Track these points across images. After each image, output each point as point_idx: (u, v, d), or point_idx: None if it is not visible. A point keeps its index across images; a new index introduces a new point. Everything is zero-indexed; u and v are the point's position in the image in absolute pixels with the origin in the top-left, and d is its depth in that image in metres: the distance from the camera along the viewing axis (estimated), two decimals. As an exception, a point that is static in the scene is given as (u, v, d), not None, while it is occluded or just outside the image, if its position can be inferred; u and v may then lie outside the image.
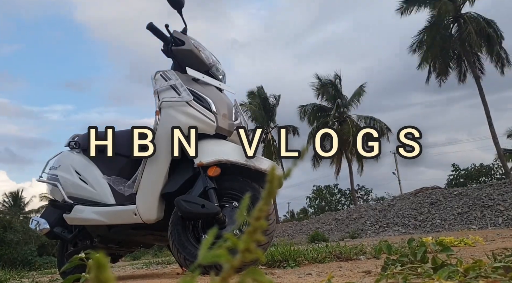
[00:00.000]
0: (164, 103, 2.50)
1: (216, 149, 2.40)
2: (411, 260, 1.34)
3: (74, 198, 2.91)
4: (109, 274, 0.33)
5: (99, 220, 2.72)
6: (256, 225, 0.35)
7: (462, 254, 2.49)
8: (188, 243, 2.29)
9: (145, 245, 3.48)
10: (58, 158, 3.24)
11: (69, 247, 3.20)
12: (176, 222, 2.35)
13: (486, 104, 20.86)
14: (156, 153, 2.48)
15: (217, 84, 2.77)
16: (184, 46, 2.63)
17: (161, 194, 2.47)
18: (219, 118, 2.53)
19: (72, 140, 3.20)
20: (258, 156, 2.34)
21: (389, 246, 1.58)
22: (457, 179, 27.64)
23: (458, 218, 12.60)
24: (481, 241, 3.35)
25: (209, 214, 2.20)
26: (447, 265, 1.17)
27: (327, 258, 2.86)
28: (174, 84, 2.51)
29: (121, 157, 2.97)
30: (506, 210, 12.02)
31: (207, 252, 0.35)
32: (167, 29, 2.63)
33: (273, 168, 0.36)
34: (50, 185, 3.12)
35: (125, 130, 3.14)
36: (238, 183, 2.33)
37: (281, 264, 2.68)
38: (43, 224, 3.06)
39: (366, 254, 3.03)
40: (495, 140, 20.74)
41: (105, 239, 2.95)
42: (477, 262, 1.12)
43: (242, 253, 0.35)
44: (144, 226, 2.59)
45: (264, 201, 0.36)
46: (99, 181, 2.87)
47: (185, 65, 2.61)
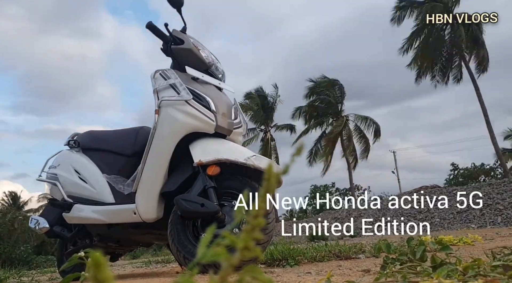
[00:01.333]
0: (163, 102, 2.50)
1: (215, 147, 2.40)
2: (410, 258, 1.34)
3: (74, 197, 2.91)
4: (108, 273, 0.33)
5: (98, 219, 2.72)
6: (254, 223, 0.35)
7: (461, 253, 2.49)
8: (188, 242, 2.29)
9: (144, 244, 3.48)
10: (57, 157, 3.24)
11: (69, 245, 3.20)
12: (175, 221, 2.35)
13: (483, 104, 20.89)
14: (155, 152, 2.48)
15: (217, 83, 2.76)
16: (184, 45, 2.63)
17: (160, 193, 2.47)
18: (219, 117, 2.53)
19: (71, 139, 3.20)
20: (257, 154, 2.35)
21: (388, 244, 1.58)
22: (456, 178, 27.66)
23: (457, 217, 12.62)
24: (480, 240, 3.36)
25: (209, 213, 2.20)
26: (446, 263, 1.17)
27: (327, 256, 2.87)
28: (173, 83, 2.50)
29: (120, 156, 2.97)
30: (505, 209, 12.04)
31: (206, 251, 0.35)
32: (167, 28, 2.63)
33: (270, 166, 0.36)
34: (50, 183, 3.12)
35: (124, 129, 3.14)
36: (238, 182, 2.33)
37: (280, 263, 2.68)
38: (43, 223, 3.06)
39: (365, 253, 3.04)
40: (493, 140, 20.75)
41: (104, 238, 2.95)
42: (476, 261, 1.12)
43: (241, 251, 0.35)
44: (143, 225, 2.59)
45: (262, 199, 0.36)
46: (98, 180, 2.87)
47: (184, 64, 2.61)
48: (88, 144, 3.13)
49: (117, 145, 3.02)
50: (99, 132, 3.29)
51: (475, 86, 21.27)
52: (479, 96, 21.00)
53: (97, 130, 3.32)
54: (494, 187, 13.58)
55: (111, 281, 0.33)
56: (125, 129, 3.15)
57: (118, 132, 3.17)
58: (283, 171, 0.38)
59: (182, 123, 2.44)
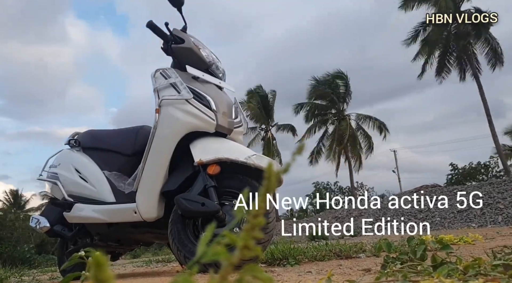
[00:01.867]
0: (164, 101, 2.50)
1: (216, 147, 2.40)
2: (410, 258, 1.34)
3: (74, 196, 2.91)
4: (108, 272, 0.33)
5: (99, 218, 2.72)
6: (254, 222, 0.34)
7: (462, 252, 2.49)
8: (188, 241, 2.29)
9: (145, 243, 3.48)
10: (58, 156, 3.24)
11: (69, 245, 3.20)
12: (176, 220, 2.35)
13: (486, 102, 20.86)
14: (156, 151, 2.48)
15: (217, 82, 2.76)
16: (184, 44, 2.63)
17: (161, 192, 2.47)
18: (219, 117, 2.53)
19: (72, 138, 3.20)
20: (257, 153, 2.35)
21: (388, 244, 1.58)
22: (456, 177, 27.66)
23: (458, 216, 12.62)
24: (480, 239, 3.35)
25: (209, 212, 2.20)
26: (447, 263, 1.17)
27: (327, 256, 2.87)
28: (174, 82, 2.50)
29: (121, 155, 2.97)
30: (506, 208, 12.04)
31: (206, 250, 0.35)
32: (167, 27, 2.63)
33: (271, 165, 0.36)
34: (50, 183, 3.12)
35: (124, 129, 3.14)
36: (238, 181, 2.33)
37: (281, 262, 2.68)
38: (43, 222, 3.06)
39: (366, 252, 3.04)
40: (495, 138, 20.74)
41: (105, 237, 2.95)
42: (476, 260, 1.12)
43: (241, 250, 0.35)
44: (144, 224, 2.59)
45: (262, 198, 0.36)
46: (99, 179, 2.87)
47: (185, 63, 2.61)
48: (88, 143, 3.13)
49: (118, 144, 3.02)
50: (100, 131, 3.29)
51: (478, 84, 21.23)
52: (482, 94, 20.97)
53: (97, 129, 3.32)
54: (494, 186, 13.57)
55: (112, 280, 0.33)
56: (126, 129, 3.15)
57: (118, 131, 3.18)
58: (283, 170, 0.38)
59: (182, 122, 2.44)
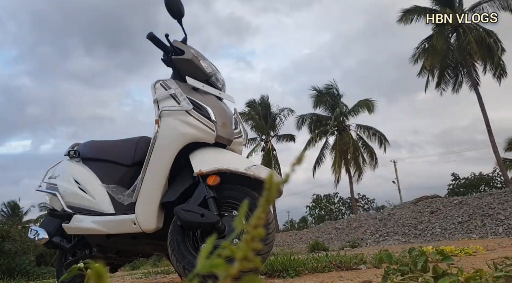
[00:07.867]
0: (163, 112, 2.50)
1: (215, 157, 2.40)
2: (411, 269, 1.33)
3: (73, 207, 2.90)
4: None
5: (98, 230, 2.71)
6: (254, 233, 0.34)
7: (463, 263, 2.48)
8: (187, 253, 2.28)
9: (144, 255, 3.46)
10: (57, 167, 3.23)
11: (68, 256, 3.18)
12: (175, 231, 2.34)
13: (486, 113, 20.91)
14: (155, 162, 2.48)
15: (217, 93, 2.78)
16: (184, 55, 2.65)
17: (160, 203, 2.47)
18: (219, 127, 2.54)
19: (71, 149, 3.20)
20: (257, 164, 2.34)
21: (389, 255, 1.57)
22: (457, 188, 27.64)
23: (459, 227, 12.56)
24: (481, 250, 3.34)
25: (209, 223, 2.19)
26: (448, 274, 1.16)
27: (327, 267, 2.85)
28: (173, 93, 2.51)
29: (120, 166, 2.97)
30: (507, 219, 11.99)
31: (205, 261, 0.35)
32: (167, 38, 2.65)
33: (271, 176, 0.36)
34: (49, 194, 3.11)
35: (124, 140, 3.15)
36: (238, 192, 2.32)
37: (281, 273, 2.66)
38: (42, 233, 3.04)
39: (367, 264, 3.02)
40: (494, 149, 20.75)
41: (104, 249, 2.94)
42: (478, 272, 1.11)
43: (240, 261, 0.35)
44: (143, 235, 2.58)
45: (262, 209, 0.35)
46: (98, 190, 2.86)
47: (185, 75, 2.62)
48: (88, 154, 3.13)
49: (117, 155, 3.02)
50: (99, 142, 3.29)
51: (478, 95, 21.31)
52: (482, 105, 21.03)
53: (97, 140, 3.32)
54: (495, 197, 13.54)
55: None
56: (125, 139, 3.15)
57: (118, 142, 3.18)
58: (283, 180, 0.38)
59: (182, 133, 2.45)
